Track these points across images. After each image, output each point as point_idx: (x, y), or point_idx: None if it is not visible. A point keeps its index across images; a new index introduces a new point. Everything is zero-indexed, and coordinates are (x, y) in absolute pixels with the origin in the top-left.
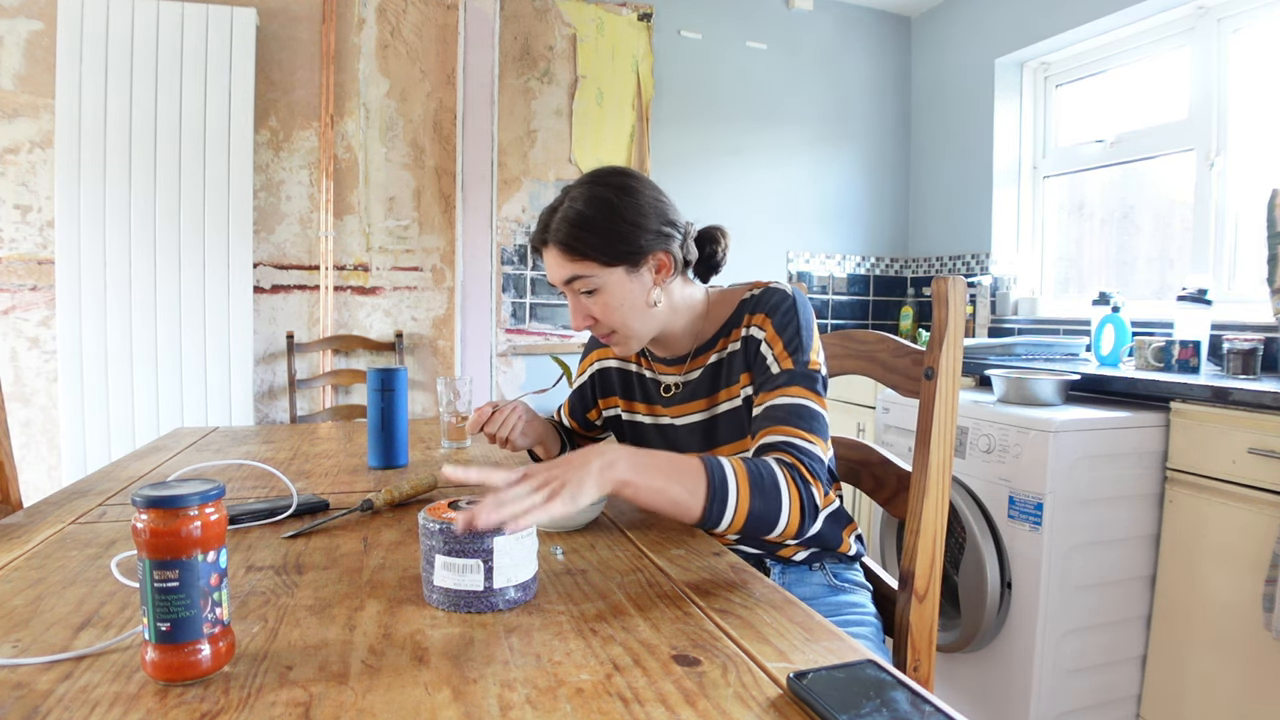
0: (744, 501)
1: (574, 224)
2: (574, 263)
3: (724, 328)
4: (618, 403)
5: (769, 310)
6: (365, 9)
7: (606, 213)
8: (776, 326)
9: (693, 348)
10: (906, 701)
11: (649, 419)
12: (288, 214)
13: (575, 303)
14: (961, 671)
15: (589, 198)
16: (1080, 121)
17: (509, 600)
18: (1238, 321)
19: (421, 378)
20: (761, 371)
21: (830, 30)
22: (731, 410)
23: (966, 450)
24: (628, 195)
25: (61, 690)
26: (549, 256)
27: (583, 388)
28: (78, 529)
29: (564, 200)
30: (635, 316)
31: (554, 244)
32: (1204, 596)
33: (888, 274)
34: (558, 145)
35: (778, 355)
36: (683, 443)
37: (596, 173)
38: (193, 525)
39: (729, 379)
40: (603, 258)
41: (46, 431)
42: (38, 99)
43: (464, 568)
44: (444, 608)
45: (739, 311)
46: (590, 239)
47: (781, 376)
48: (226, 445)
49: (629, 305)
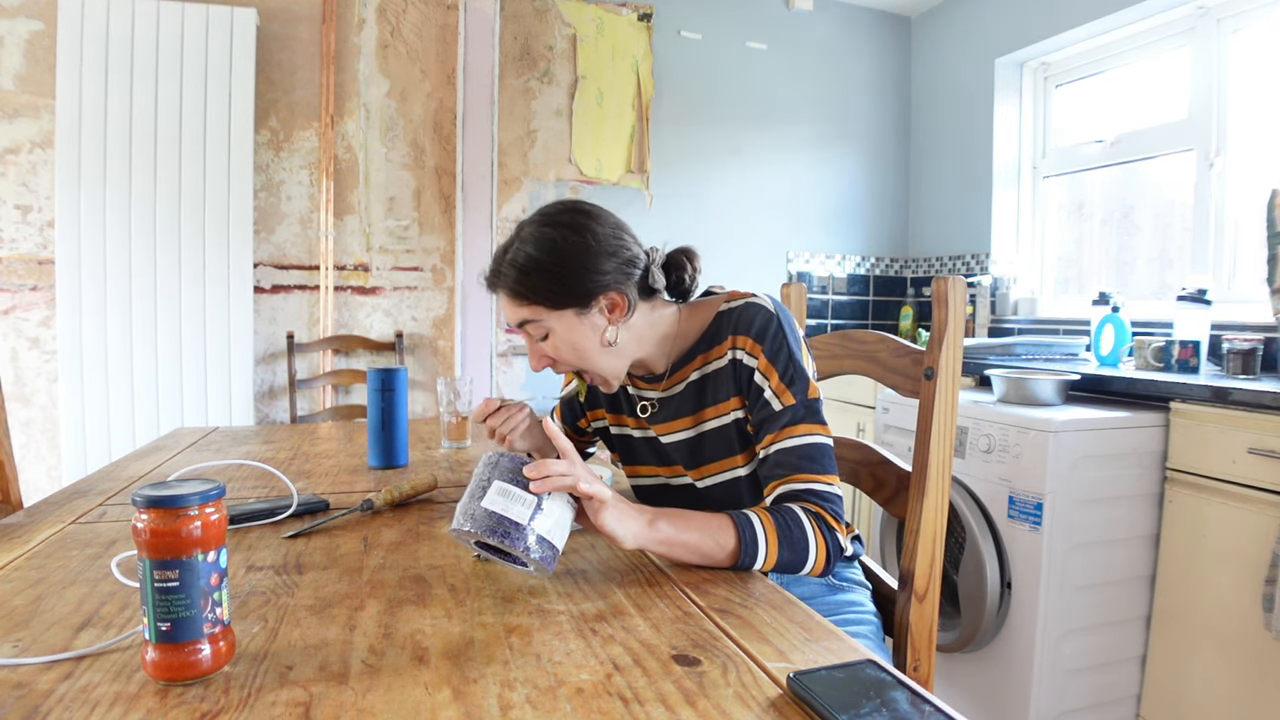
0: (772, 555)
1: (520, 269)
2: (521, 307)
3: (701, 341)
4: (605, 416)
5: (756, 335)
6: (365, 9)
7: (553, 255)
8: (769, 355)
9: (668, 366)
10: (906, 701)
11: (638, 433)
12: (288, 214)
13: (531, 345)
14: (961, 671)
15: (537, 239)
16: (1080, 121)
17: (530, 547)
18: (1237, 321)
19: (421, 378)
20: (760, 406)
21: (830, 30)
22: (719, 428)
23: (966, 450)
24: (576, 235)
25: (62, 690)
26: (501, 299)
27: (572, 399)
28: (78, 529)
29: (514, 241)
30: (591, 355)
31: (502, 289)
32: (1204, 596)
33: (888, 274)
34: (558, 145)
35: (775, 389)
36: (672, 457)
37: (547, 211)
38: (193, 525)
39: (715, 397)
40: (549, 302)
41: (46, 431)
42: (38, 99)
43: (518, 498)
44: (474, 530)
45: (717, 325)
46: (535, 283)
47: (785, 415)
48: (227, 445)
49: (582, 346)
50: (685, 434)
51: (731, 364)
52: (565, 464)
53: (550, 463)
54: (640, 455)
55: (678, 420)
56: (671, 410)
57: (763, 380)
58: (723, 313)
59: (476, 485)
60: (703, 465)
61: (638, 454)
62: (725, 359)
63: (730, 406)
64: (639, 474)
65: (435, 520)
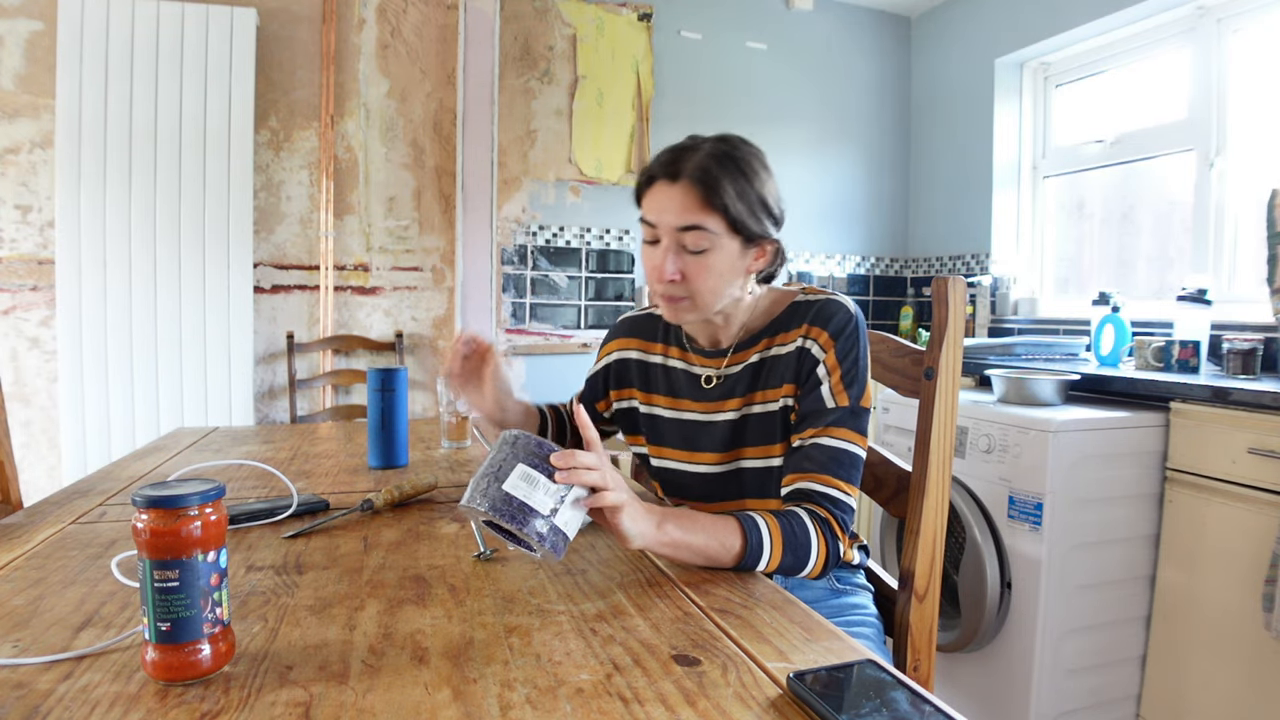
0: (775, 560)
1: (722, 169)
2: (703, 211)
3: (770, 326)
4: (635, 394)
5: (833, 332)
6: (365, 9)
7: (753, 176)
8: (839, 353)
9: (736, 341)
10: (906, 701)
11: (669, 412)
12: (288, 214)
13: (669, 254)
14: (961, 671)
15: (740, 157)
16: (1080, 121)
17: (544, 536)
18: (1237, 321)
19: (421, 378)
20: (813, 399)
21: (830, 30)
22: (765, 414)
23: (966, 450)
24: (768, 173)
25: (62, 690)
26: (672, 194)
27: (595, 377)
28: (78, 529)
29: (703, 144)
30: (723, 291)
31: (690, 181)
32: (1204, 596)
33: (888, 274)
34: (558, 145)
35: (833, 388)
36: (703, 440)
37: (737, 137)
38: (193, 525)
39: (768, 381)
40: (731, 220)
41: (46, 431)
42: (38, 99)
43: (542, 486)
44: (490, 512)
45: (790, 313)
46: (730, 194)
47: (833, 414)
48: (226, 445)
49: (727, 279)
50: (731, 415)
51: (798, 351)
52: (594, 458)
53: (579, 454)
54: (666, 436)
55: (729, 400)
56: (727, 388)
57: (824, 375)
58: (799, 303)
59: (495, 464)
60: (741, 448)
61: (664, 435)
62: (792, 345)
63: (782, 393)
64: (663, 455)
65: (435, 520)
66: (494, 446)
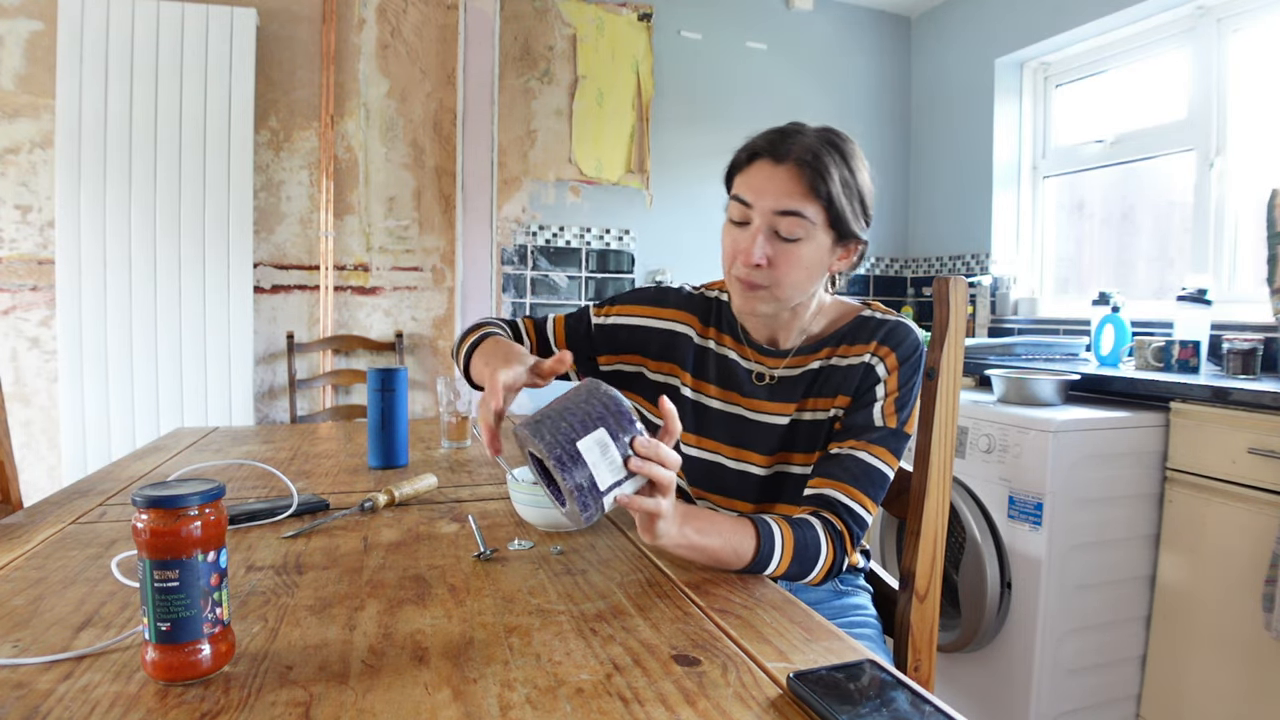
0: (781, 568)
1: (833, 158)
2: (806, 198)
3: (834, 336)
4: (683, 376)
5: (902, 356)
6: (365, 9)
7: (856, 172)
8: (901, 377)
9: (799, 343)
10: (906, 701)
11: (719, 404)
12: (288, 214)
13: (760, 237)
14: (961, 671)
15: (847, 149)
16: (1080, 121)
17: (587, 504)
18: (1237, 321)
19: (421, 378)
20: (865, 413)
21: (830, 30)
22: (815, 421)
23: (966, 450)
24: (868, 171)
25: (62, 690)
26: (776, 175)
27: (606, 328)
28: (78, 529)
29: (809, 129)
30: (807, 283)
31: (799, 164)
32: (1204, 596)
33: (888, 274)
34: (558, 145)
35: (885, 408)
36: (752, 439)
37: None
38: (193, 525)
39: (824, 390)
40: (832, 212)
41: (46, 431)
42: (38, 99)
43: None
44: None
45: (857, 327)
46: (836, 183)
47: (878, 431)
48: (226, 445)
49: (813, 271)
50: (782, 419)
51: (863, 367)
52: (676, 459)
53: (665, 450)
54: (713, 429)
55: (783, 403)
56: (782, 390)
57: (882, 394)
58: (867, 318)
59: (576, 412)
60: (790, 453)
61: (711, 427)
62: (859, 360)
63: (835, 403)
64: (704, 446)
65: (435, 520)
66: (578, 391)
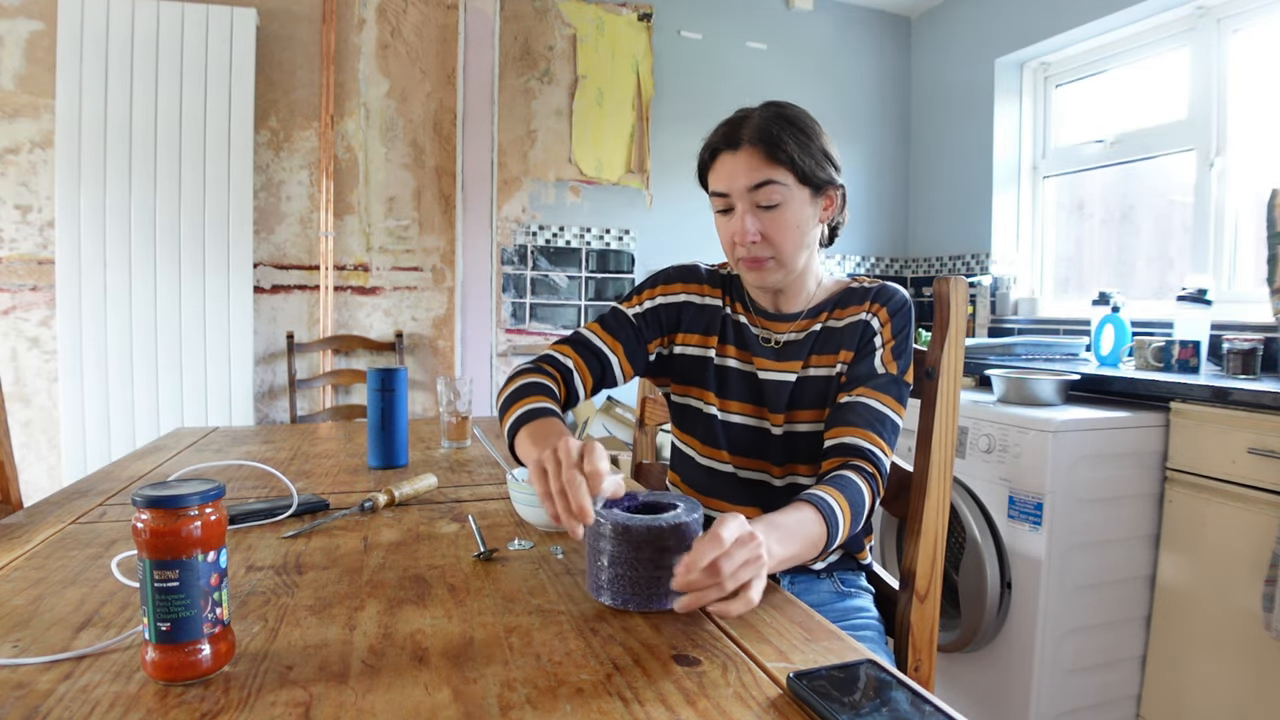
0: (845, 533)
1: (782, 127)
2: (771, 167)
3: (829, 302)
4: (699, 340)
5: (892, 310)
6: (365, 9)
7: (809, 130)
8: (894, 327)
9: (803, 308)
10: (906, 701)
11: (740, 364)
12: (288, 214)
13: (746, 216)
14: (961, 671)
15: (792, 115)
16: (1080, 121)
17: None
18: (1237, 321)
19: (421, 378)
20: (867, 362)
21: (830, 30)
22: (821, 378)
23: (966, 450)
24: (820, 127)
25: (62, 690)
26: (737, 160)
27: (646, 314)
28: (78, 529)
29: (755, 110)
30: (802, 241)
31: (753, 144)
32: (1204, 596)
33: (888, 274)
34: (558, 145)
35: (884, 356)
36: (771, 398)
37: (782, 101)
38: (193, 525)
39: (825, 348)
40: (798, 171)
41: (46, 431)
42: (38, 99)
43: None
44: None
45: (849, 294)
46: (793, 147)
47: (881, 378)
48: (226, 445)
49: (803, 229)
50: (789, 375)
51: (861, 323)
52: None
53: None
54: (736, 390)
55: (790, 361)
56: (790, 352)
57: (880, 344)
58: (856, 288)
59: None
60: (796, 410)
61: (733, 388)
62: (856, 318)
63: (837, 359)
64: (729, 409)
65: (435, 520)
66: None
